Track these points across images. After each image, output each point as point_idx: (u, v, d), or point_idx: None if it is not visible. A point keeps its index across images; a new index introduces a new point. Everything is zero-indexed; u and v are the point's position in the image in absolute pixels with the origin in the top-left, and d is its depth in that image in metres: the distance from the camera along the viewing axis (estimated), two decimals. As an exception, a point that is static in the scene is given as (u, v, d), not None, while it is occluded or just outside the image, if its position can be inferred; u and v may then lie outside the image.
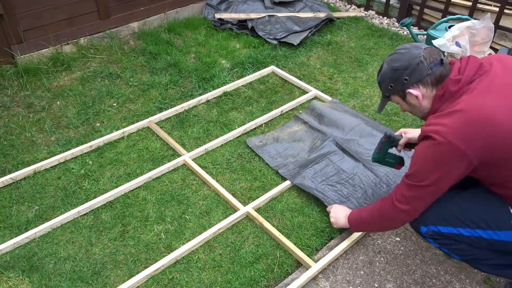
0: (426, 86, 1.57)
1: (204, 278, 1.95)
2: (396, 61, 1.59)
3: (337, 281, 1.96)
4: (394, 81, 1.61)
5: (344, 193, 2.28)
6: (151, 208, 2.27)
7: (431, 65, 1.54)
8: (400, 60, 1.58)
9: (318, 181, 2.35)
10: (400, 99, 1.67)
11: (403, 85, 1.59)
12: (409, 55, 1.56)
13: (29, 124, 2.79)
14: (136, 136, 2.74)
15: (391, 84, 1.63)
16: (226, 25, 3.95)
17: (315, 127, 2.71)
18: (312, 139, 2.65)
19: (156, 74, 3.32)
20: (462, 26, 2.94)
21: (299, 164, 2.46)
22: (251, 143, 2.65)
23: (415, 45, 1.60)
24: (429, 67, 1.54)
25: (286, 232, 2.16)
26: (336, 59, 3.57)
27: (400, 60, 1.58)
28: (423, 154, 1.53)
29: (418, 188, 1.56)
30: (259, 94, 3.14)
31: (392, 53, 1.65)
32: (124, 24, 3.68)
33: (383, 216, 1.74)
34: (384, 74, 1.65)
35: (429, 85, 1.57)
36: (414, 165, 1.57)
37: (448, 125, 1.44)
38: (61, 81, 3.19)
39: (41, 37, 3.26)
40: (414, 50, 1.56)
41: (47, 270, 1.96)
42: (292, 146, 2.62)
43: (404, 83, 1.58)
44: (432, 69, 1.54)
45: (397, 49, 1.64)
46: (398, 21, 4.24)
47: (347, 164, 2.44)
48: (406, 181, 1.60)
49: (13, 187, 2.37)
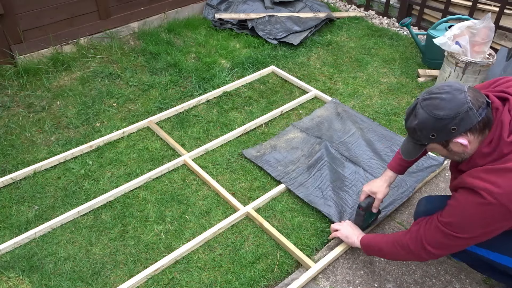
0: (474, 133, 1.43)
1: (204, 278, 1.95)
2: (440, 109, 1.41)
3: (337, 281, 1.96)
4: (439, 131, 1.44)
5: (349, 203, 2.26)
6: (151, 208, 2.27)
7: (480, 111, 1.39)
8: (446, 109, 1.40)
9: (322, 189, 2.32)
10: (441, 146, 1.52)
11: (449, 134, 1.43)
12: (455, 102, 1.39)
13: (29, 124, 2.79)
14: (136, 136, 2.74)
15: (433, 134, 1.46)
16: (226, 25, 3.95)
17: (312, 134, 2.71)
18: (310, 145, 2.63)
19: (156, 74, 3.32)
20: (463, 26, 2.93)
21: (300, 172, 2.44)
22: (249, 154, 2.58)
23: (456, 87, 1.43)
24: (478, 113, 1.39)
25: (286, 232, 2.16)
26: (336, 59, 3.57)
27: (444, 108, 1.40)
28: (468, 209, 1.44)
29: (455, 238, 1.50)
30: (259, 94, 3.14)
31: (430, 97, 1.45)
32: (124, 24, 3.69)
33: (407, 254, 1.67)
34: (424, 123, 1.45)
35: (477, 132, 1.43)
36: (455, 216, 1.48)
37: (501, 186, 1.36)
38: (61, 81, 3.19)
39: (41, 37, 3.26)
40: (459, 95, 1.40)
41: (47, 270, 1.96)
42: (291, 153, 2.58)
43: (452, 133, 1.42)
44: (481, 115, 1.39)
45: (435, 92, 1.45)
46: (398, 21, 4.24)
47: (348, 169, 2.44)
48: (442, 228, 1.52)
49: (13, 187, 2.37)
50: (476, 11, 3.71)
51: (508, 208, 1.35)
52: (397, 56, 3.62)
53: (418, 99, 1.49)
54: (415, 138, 1.53)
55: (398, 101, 3.09)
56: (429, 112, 1.43)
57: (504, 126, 1.40)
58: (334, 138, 2.67)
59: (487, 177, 1.39)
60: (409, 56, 3.63)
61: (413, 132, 1.51)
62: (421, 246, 1.59)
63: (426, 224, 1.59)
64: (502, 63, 3.18)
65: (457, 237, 1.49)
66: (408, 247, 1.64)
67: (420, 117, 1.46)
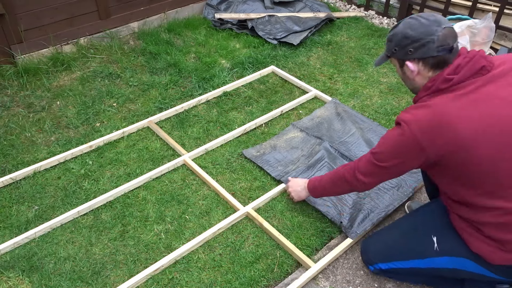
0: (425, 65, 1.55)
1: (204, 278, 1.95)
2: (412, 29, 1.53)
3: (337, 281, 1.96)
4: (400, 47, 1.57)
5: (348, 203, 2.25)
6: (151, 208, 2.27)
7: (440, 49, 1.50)
8: (415, 30, 1.52)
9: None
10: (398, 64, 1.65)
11: (405, 54, 1.56)
12: (425, 29, 1.50)
13: (29, 124, 2.79)
14: (136, 136, 2.74)
15: (396, 48, 1.59)
16: (226, 25, 3.95)
17: (311, 133, 2.71)
18: (310, 145, 2.63)
19: (156, 74, 3.32)
20: (463, 25, 2.94)
21: (300, 172, 2.44)
22: (249, 154, 2.58)
23: (439, 19, 1.52)
24: (437, 49, 1.50)
25: (286, 232, 2.16)
26: (336, 59, 3.57)
27: (415, 29, 1.52)
28: (389, 138, 1.61)
29: (378, 167, 1.67)
30: (259, 94, 3.14)
31: (414, 17, 1.57)
32: (124, 24, 3.68)
33: (344, 184, 1.86)
34: (395, 35, 1.59)
35: (428, 66, 1.55)
36: (381, 146, 1.66)
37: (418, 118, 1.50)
38: (61, 81, 3.19)
39: (41, 37, 3.26)
40: (433, 26, 1.50)
41: (47, 270, 1.96)
42: (291, 153, 2.59)
43: (408, 54, 1.55)
44: (439, 52, 1.50)
45: (420, 15, 1.56)
46: (398, 21, 4.24)
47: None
48: (370, 157, 1.69)
49: (13, 187, 2.37)
50: (476, 11, 3.70)
51: (416, 137, 1.48)
52: (397, 56, 3.62)
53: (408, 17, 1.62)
54: (386, 48, 1.67)
55: (398, 101, 3.09)
56: (404, 27, 1.56)
57: (450, 67, 1.51)
58: (334, 138, 2.67)
59: (410, 111, 1.54)
60: (409, 56, 3.62)
61: (387, 41, 1.65)
62: (353, 175, 1.77)
63: (362, 157, 1.77)
64: (502, 63, 3.18)
65: (378, 166, 1.66)
66: (345, 178, 1.82)
67: (396, 29, 1.60)
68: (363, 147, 2.59)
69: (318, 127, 2.77)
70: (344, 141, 2.64)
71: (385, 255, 1.86)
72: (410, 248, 1.78)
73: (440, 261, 1.69)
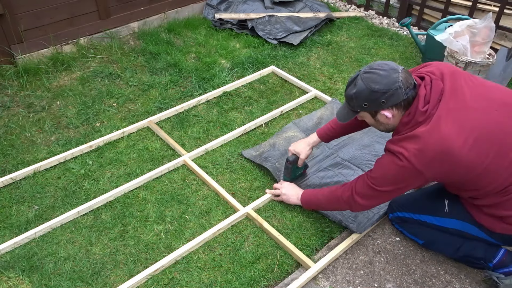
0: (398, 108, 1.67)
1: (204, 278, 1.95)
2: (376, 83, 1.63)
3: (337, 281, 1.96)
4: (371, 101, 1.67)
5: None
6: (151, 208, 2.27)
7: (407, 90, 1.63)
8: (380, 83, 1.62)
9: None
10: (369, 116, 1.76)
11: (378, 106, 1.67)
12: (389, 79, 1.61)
13: (29, 124, 2.79)
14: (136, 136, 2.74)
15: (366, 103, 1.68)
16: (226, 25, 3.95)
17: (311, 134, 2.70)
18: None
19: (156, 74, 3.32)
20: (464, 24, 2.93)
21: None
22: (248, 154, 2.57)
23: (392, 67, 1.64)
24: (405, 92, 1.63)
25: (286, 232, 2.16)
26: (336, 59, 3.57)
27: (379, 83, 1.62)
28: (387, 166, 1.72)
29: (377, 191, 1.78)
30: (259, 94, 3.14)
31: (370, 71, 1.66)
32: (124, 24, 3.69)
33: (341, 203, 1.95)
34: (361, 92, 1.67)
35: (401, 108, 1.67)
36: (378, 171, 1.77)
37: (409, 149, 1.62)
38: (61, 81, 3.19)
39: (41, 37, 3.26)
40: (393, 74, 1.62)
41: (47, 270, 1.96)
42: None
43: (381, 105, 1.66)
44: (407, 94, 1.63)
45: (375, 68, 1.66)
46: (398, 21, 4.24)
47: (347, 171, 2.44)
48: (368, 181, 1.80)
49: (13, 187, 2.37)
50: (476, 11, 3.71)
51: (415, 167, 1.61)
52: (397, 56, 3.62)
53: (360, 72, 1.70)
54: (351, 105, 1.75)
55: (398, 101, 3.09)
56: (367, 84, 1.65)
57: (420, 99, 1.64)
58: None
59: (401, 143, 1.66)
60: (409, 56, 3.63)
61: (350, 99, 1.73)
62: (351, 197, 1.87)
63: (359, 179, 1.86)
64: (502, 63, 3.18)
65: (377, 190, 1.77)
66: (342, 197, 1.92)
67: (358, 87, 1.68)
68: (362, 149, 2.59)
69: (317, 127, 2.77)
70: (344, 142, 2.64)
71: (404, 206, 2.07)
72: (426, 205, 2.00)
73: (448, 221, 1.92)
